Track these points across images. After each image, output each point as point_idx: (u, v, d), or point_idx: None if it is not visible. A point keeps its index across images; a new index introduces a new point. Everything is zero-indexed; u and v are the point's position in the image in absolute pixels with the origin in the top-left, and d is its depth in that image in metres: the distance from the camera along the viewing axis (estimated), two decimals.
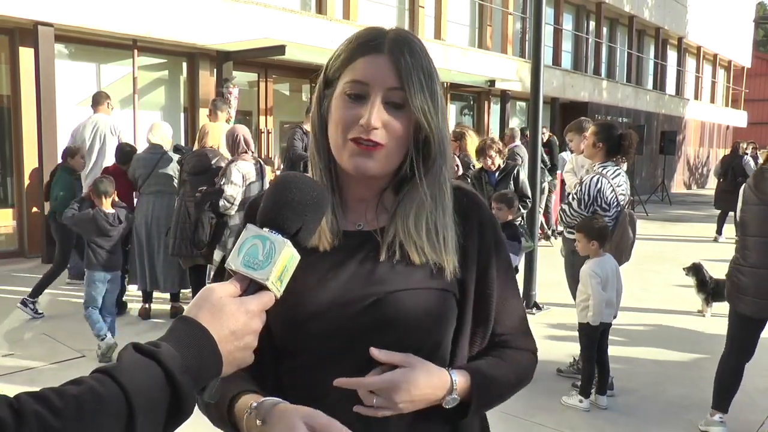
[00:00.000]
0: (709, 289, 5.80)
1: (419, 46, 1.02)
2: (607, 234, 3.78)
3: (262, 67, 10.37)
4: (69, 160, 5.87)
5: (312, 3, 11.21)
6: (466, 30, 14.70)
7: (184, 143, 8.34)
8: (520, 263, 5.67)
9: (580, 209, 3.93)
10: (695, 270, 5.92)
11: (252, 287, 0.82)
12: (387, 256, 1.03)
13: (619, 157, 4.10)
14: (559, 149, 10.44)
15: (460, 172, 5.92)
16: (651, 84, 22.45)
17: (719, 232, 10.69)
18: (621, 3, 18.98)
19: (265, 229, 0.84)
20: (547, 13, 15.67)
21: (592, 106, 17.32)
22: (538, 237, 6.77)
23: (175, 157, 5.56)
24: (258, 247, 0.82)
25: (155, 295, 5.60)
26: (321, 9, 11.13)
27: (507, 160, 5.61)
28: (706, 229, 11.54)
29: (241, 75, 9.98)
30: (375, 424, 0.99)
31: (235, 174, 4.85)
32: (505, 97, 14.86)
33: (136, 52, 8.79)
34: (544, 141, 9.46)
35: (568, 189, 5.52)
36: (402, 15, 12.98)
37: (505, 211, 4.62)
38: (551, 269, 6.46)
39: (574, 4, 18.02)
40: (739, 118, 28.95)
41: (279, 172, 5.66)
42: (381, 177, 1.05)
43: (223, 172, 4.99)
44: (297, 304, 0.99)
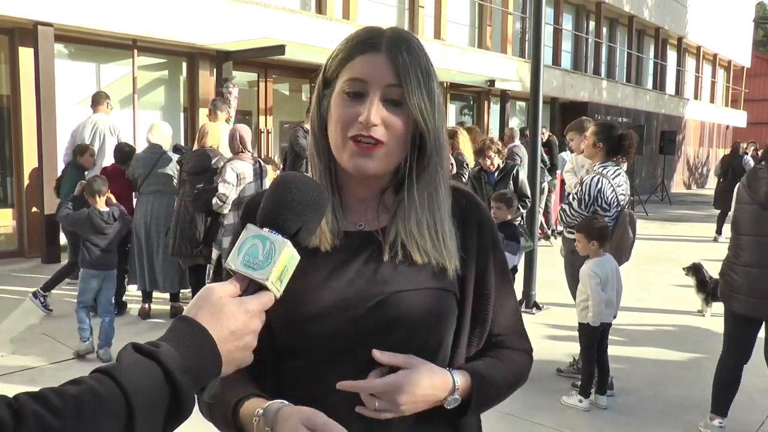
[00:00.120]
0: (708, 288, 5.80)
1: (417, 44, 1.03)
2: (607, 234, 3.78)
3: (262, 66, 10.37)
4: (78, 157, 5.89)
5: (312, 3, 11.21)
6: (465, 30, 14.70)
7: (183, 143, 8.34)
8: (520, 263, 5.67)
9: (580, 209, 3.93)
10: (695, 270, 5.93)
11: (252, 287, 0.82)
12: (389, 257, 1.03)
13: (620, 157, 4.10)
14: (558, 149, 10.45)
15: (454, 170, 5.92)
16: (651, 84, 22.46)
17: (719, 232, 10.69)
18: (621, 3, 18.99)
19: (265, 229, 0.84)
20: (547, 13, 15.67)
21: (592, 106, 17.33)
22: (538, 237, 6.77)
23: (174, 156, 5.57)
24: (258, 247, 0.82)
25: (155, 295, 5.60)
26: (321, 9, 11.13)
27: (506, 160, 5.61)
28: (706, 229, 11.54)
29: (240, 75, 9.98)
30: (377, 426, 0.99)
31: (230, 173, 4.85)
32: (504, 97, 14.86)
33: (136, 51, 8.79)
34: (544, 141, 9.45)
35: (568, 189, 5.52)
36: (402, 15, 12.98)
37: (504, 210, 4.60)
38: (551, 269, 6.46)
39: (574, 4, 18.02)
40: (739, 118, 28.96)
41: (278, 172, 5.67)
42: (381, 176, 1.05)
43: (219, 170, 5.01)
44: (299, 304, 0.99)
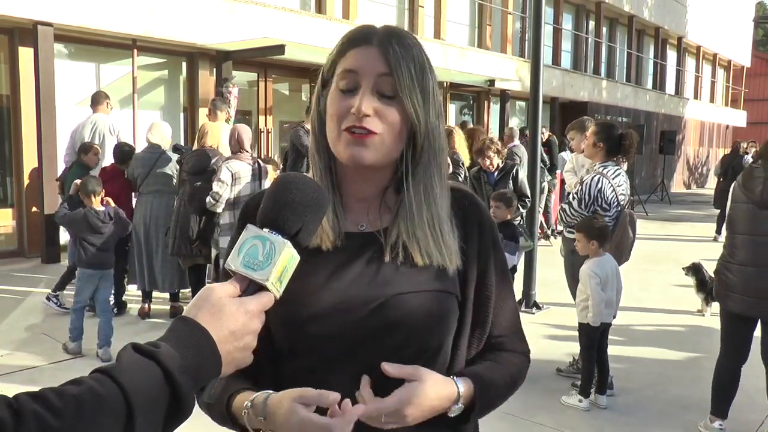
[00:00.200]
0: (708, 288, 5.78)
1: (411, 39, 1.02)
2: (607, 234, 3.78)
3: (262, 66, 10.37)
4: (83, 156, 5.89)
5: (311, 2, 11.21)
6: (465, 30, 14.70)
7: (183, 143, 8.34)
8: (520, 263, 5.67)
9: (580, 209, 3.93)
10: (695, 270, 5.93)
11: (252, 288, 0.82)
12: (390, 258, 1.03)
13: (620, 156, 4.10)
14: (558, 149, 10.45)
15: (450, 170, 5.91)
16: (650, 84, 22.46)
17: (719, 231, 10.68)
18: (620, 3, 18.98)
19: (265, 230, 0.84)
20: (547, 12, 15.67)
21: (592, 106, 17.33)
22: (538, 236, 6.77)
23: (174, 156, 5.57)
24: (258, 248, 0.82)
25: (155, 295, 5.60)
26: (320, 8, 11.13)
27: (506, 160, 5.61)
28: (706, 229, 11.54)
29: (240, 74, 9.98)
30: (377, 429, 0.99)
31: (224, 172, 4.84)
32: (504, 96, 14.86)
33: (136, 51, 8.79)
34: (544, 140, 9.45)
35: (568, 188, 5.52)
36: (402, 14, 12.98)
37: (503, 209, 4.59)
38: (551, 269, 6.47)
39: (574, 3, 18.02)
40: (739, 118, 28.96)
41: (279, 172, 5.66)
42: (378, 169, 1.04)
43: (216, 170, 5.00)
44: (300, 305, 0.99)
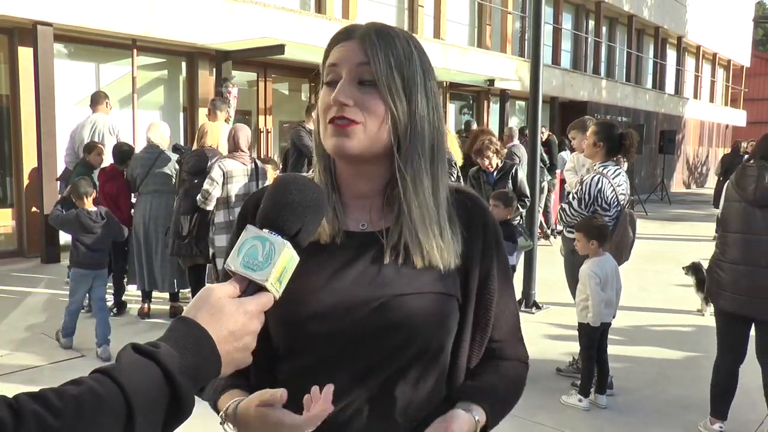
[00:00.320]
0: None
1: (396, 32, 1.01)
2: (606, 233, 3.78)
3: (262, 66, 10.36)
4: (86, 155, 5.90)
5: (311, 2, 11.21)
6: (465, 29, 14.70)
7: (183, 143, 8.34)
8: (519, 262, 5.67)
9: (580, 209, 3.92)
10: (694, 269, 5.93)
11: (251, 288, 0.82)
12: (391, 259, 1.01)
13: (620, 156, 4.09)
14: (558, 148, 10.45)
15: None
16: (650, 83, 22.46)
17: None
18: (620, 2, 18.98)
19: (265, 230, 0.84)
20: (546, 12, 15.67)
21: (592, 106, 17.33)
22: (538, 236, 6.77)
23: (174, 156, 5.56)
24: (257, 248, 0.82)
25: (155, 295, 5.60)
26: (320, 8, 11.13)
27: (505, 160, 5.61)
28: (706, 229, 11.54)
29: (240, 74, 9.98)
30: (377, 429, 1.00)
31: (216, 171, 4.82)
32: (504, 96, 14.86)
33: (135, 51, 8.79)
34: (543, 140, 9.45)
35: (569, 187, 5.51)
36: (401, 14, 12.98)
37: (501, 209, 4.57)
38: (550, 268, 6.47)
39: (574, 3, 18.02)
40: (739, 118, 28.97)
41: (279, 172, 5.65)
42: (371, 162, 1.02)
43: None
44: (300, 304, 0.98)
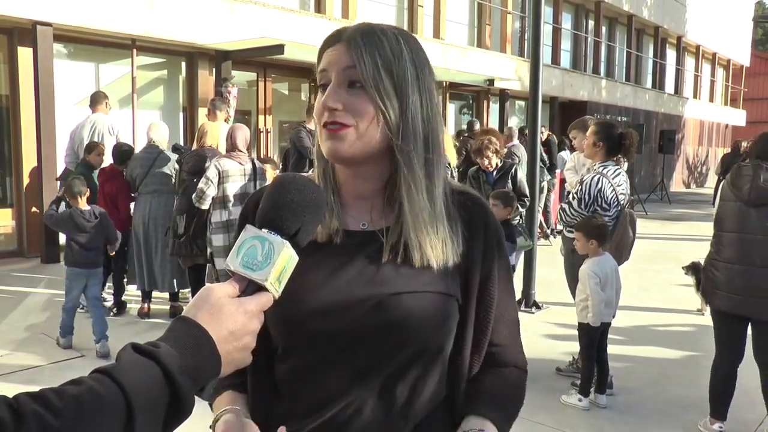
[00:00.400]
0: None
1: (383, 31, 1.00)
2: (606, 233, 3.78)
3: (261, 66, 10.36)
4: (87, 155, 5.90)
5: (311, 2, 11.21)
6: (465, 29, 14.70)
7: (183, 143, 8.34)
8: (519, 262, 5.67)
9: (580, 209, 3.92)
10: (694, 269, 5.92)
11: (251, 288, 0.82)
12: (391, 257, 1.01)
13: (620, 156, 4.09)
14: (558, 148, 10.44)
15: None
16: (650, 83, 22.46)
17: None
18: (620, 2, 18.98)
19: (264, 230, 0.84)
20: (546, 12, 15.66)
21: (591, 105, 17.33)
22: (537, 236, 6.77)
23: (173, 156, 5.56)
24: (257, 248, 0.82)
25: (155, 294, 5.60)
26: (320, 8, 11.13)
27: (504, 159, 5.61)
28: (706, 228, 11.42)
29: (239, 74, 9.98)
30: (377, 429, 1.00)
31: (211, 170, 4.80)
32: (504, 96, 14.86)
33: (135, 51, 8.79)
34: (543, 140, 9.45)
35: (569, 187, 5.51)
36: (401, 14, 12.98)
37: (501, 208, 4.57)
38: (550, 268, 6.47)
39: (573, 3, 18.02)
40: (738, 117, 28.97)
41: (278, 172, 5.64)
42: (367, 163, 1.02)
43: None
44: (298, 303, 0.98)
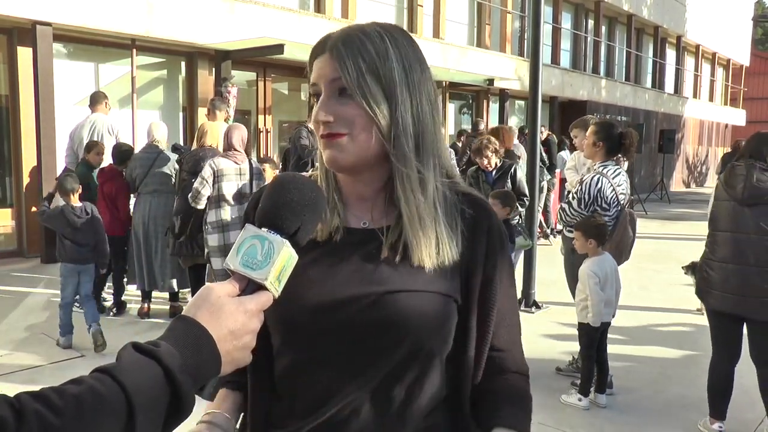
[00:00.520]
0: None
1: (367, 33, 0.99)
2: (605, 232, 3.77)
3: (261, 66, 10.36)
4: (86, 155, 5.90)
5: (311, 2, 11.20)
6: (464, 29, 14.70)
7: (183, 143, 8.34)
8: (519, 262, 5.67)
9: (579, 208, 3.92)
10: (694, 269, 5.89)
11: (250, 287, 0.82)
12: (389, 256, 1.01)
13: (620, 156, 4.09)
14: (558, 148, 10.44)
15: None
16: (650, 82, 22.46)
17: None
18: (620, 1, 18.98)
19: (264, 229, 0.84)
20: (546, 11, 15.67)
21: (591, 105, 17.33)
22: (537, 236, 6.77)
23: (173, 156, 5.56)
24: (257, 247, 0.82)
25: (155, 294, 5.60)
26: (320, 8, 11.13)
27: (504, 159, 5.61)
28: (705, 228, 11.49)
29: (239, 74, 9.98)
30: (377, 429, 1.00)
31: (206, 169, 4.80)
32: (503, 95, 14.86)
33: (135, 51, 8.79)
34: (543, 139, 9.45)
35: (569, 186, 5.51)
36: (401, 14, 12.98)
37: (499, 208, 4.55)
38: (550, 268, 6.47)
39: (573, 2, 18.02)
40: (738, 117, 28.98)
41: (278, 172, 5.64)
42: (366, 168, 1.02)
43: None
44: (295, 301, 0.98)
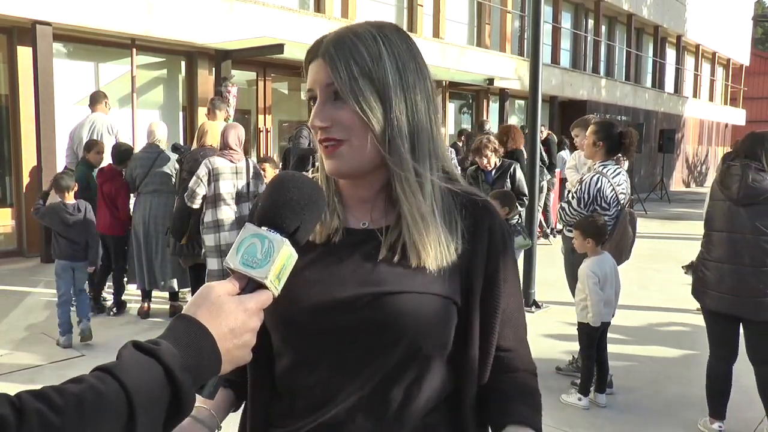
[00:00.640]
0: None
1: (359, 35, 0.99)
2: (604, 232, 3.77)
3: (261, 65, 10.36)
4: (86, 154, 5.91)
5: (310, 1, 11.20)
6: (464, 28, 14.69)
7: (183, 142, 8.33)
8: (519, 262, 5.67)
9: (579, 208, 3.91)
10: (694, 268, 5.92)
11: (250, 286, 0.82)
12: (388, 256, 1.00)
13: (620, 155, 4.08)
14: (558, 147, 10.44)
15: None
16: (650, 82, 22.46)
17: None
18: (619, 1, 18.98)
19: (264, 228, 0.84)
20: (546, 11, 15.67)
21: (591, 105, 17.33)
22: (537, 235, 6.78)
23: (173, 156, 5.56)
24: (257, 246, 0.83)
25: (155, 294, 5.61)
26: (319, 7, 11.13)
27: (503, 158, 5.60)
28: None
29: (239, 74, 9.98)
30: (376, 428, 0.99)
31: (202, 168, 4.78)
32: (503, 95, 14.85)
33: (135, 51, 8.79)
34: (542, 139, 9.44)
35: (569, 186, 5.51)
36: (400, 13, 12.97)
37: (498, 208, 4.55)
38: (550, 267, 6.48)
39: (573, 2, 18.02)
40: (738, 116, 28.99)
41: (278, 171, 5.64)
42: (361, 173, 1.01)
43: None
44: (293, 301, 0.97)
